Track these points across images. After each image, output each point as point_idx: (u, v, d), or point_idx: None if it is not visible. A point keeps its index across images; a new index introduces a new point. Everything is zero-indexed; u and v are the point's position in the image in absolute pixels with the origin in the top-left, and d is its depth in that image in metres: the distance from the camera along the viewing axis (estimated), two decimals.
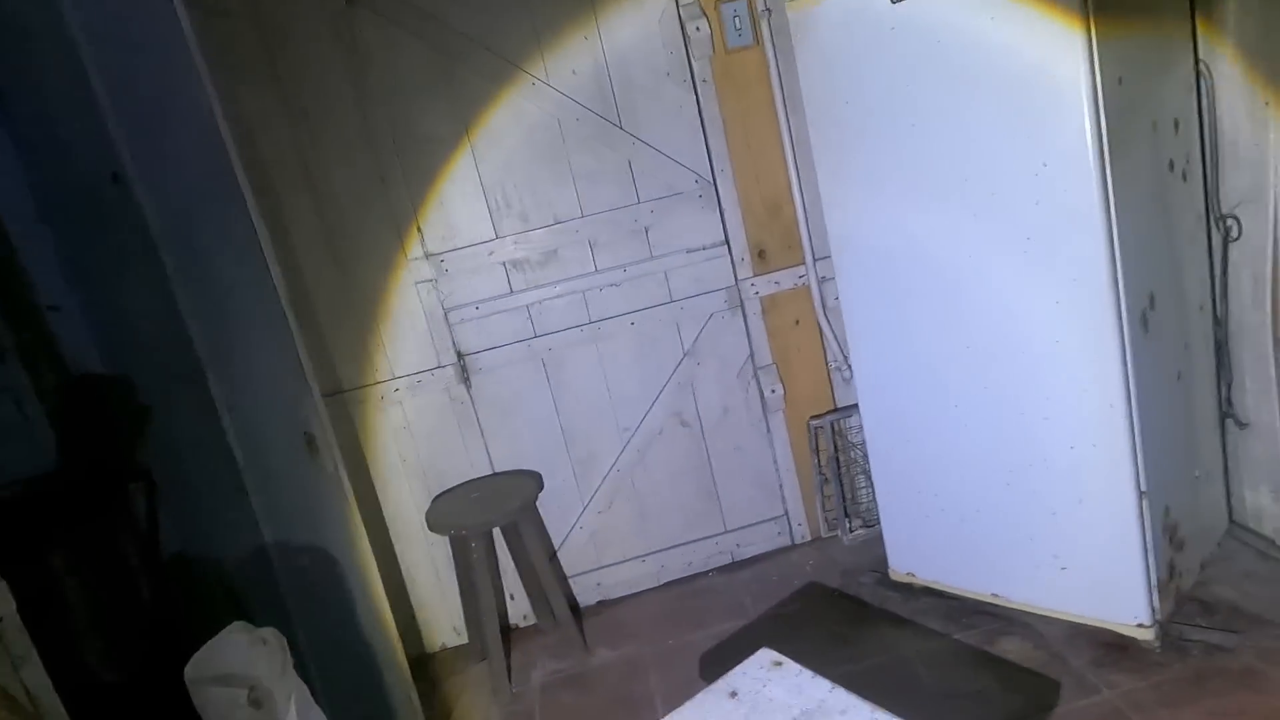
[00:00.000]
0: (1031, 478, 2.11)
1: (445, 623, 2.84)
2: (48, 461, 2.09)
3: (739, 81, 2.63)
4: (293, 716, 1.51)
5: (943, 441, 2.26)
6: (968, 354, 2.13)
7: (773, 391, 2.83)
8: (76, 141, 1.82)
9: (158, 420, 2.07)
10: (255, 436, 1.89)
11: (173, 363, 1.85)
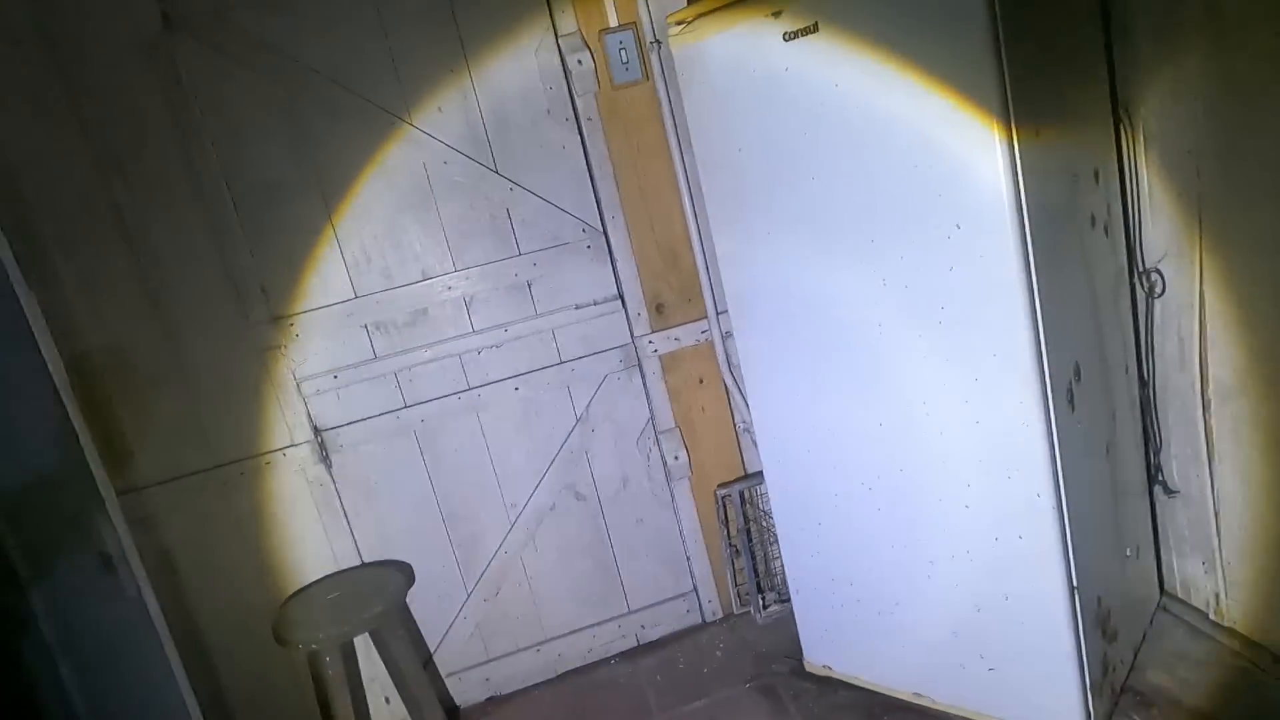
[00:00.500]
0: (954, 570, 1.89)
1: None
2: None
3: (628, 119, 2.36)
4: None
5: (856, 526, 2.03)
6: (880, 431, 1.90)
7: (676, 458, 2.56)
8: None
9: None
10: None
11: None
